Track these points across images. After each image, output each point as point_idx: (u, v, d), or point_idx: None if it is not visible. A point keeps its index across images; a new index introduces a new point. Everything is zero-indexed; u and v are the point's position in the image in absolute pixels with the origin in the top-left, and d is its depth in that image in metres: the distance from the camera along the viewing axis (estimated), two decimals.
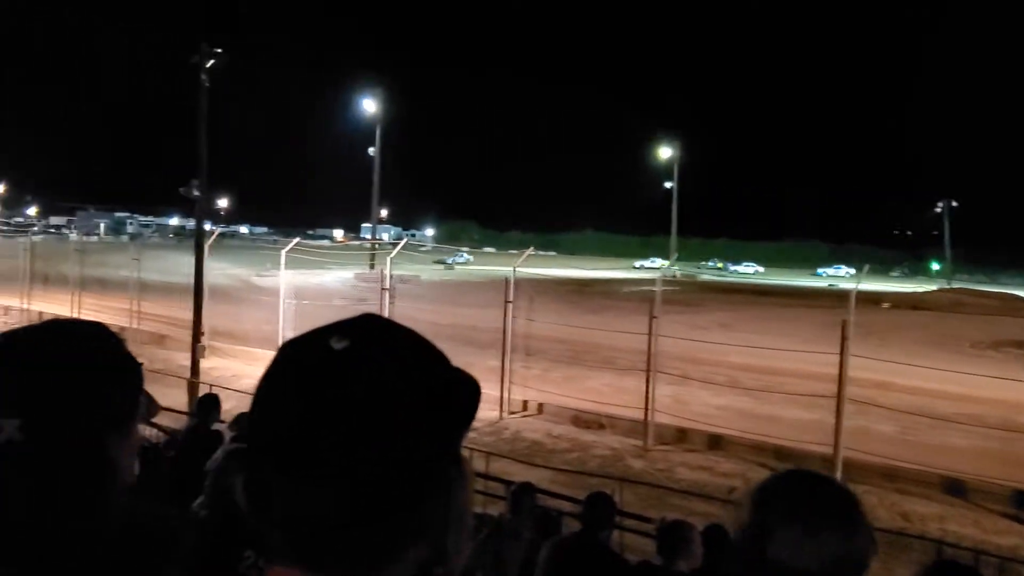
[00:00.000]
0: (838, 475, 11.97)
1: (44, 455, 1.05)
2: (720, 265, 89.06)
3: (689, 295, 38.45)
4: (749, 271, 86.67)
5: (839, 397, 12.14)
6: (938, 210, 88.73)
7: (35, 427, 1.05)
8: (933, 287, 60.57)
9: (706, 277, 65.49)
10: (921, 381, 16.79)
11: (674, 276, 49.11)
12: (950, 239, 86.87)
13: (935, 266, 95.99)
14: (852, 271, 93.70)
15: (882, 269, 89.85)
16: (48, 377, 1.08)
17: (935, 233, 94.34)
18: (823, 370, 13.60)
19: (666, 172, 70.98)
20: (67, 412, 1.07)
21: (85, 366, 1.12)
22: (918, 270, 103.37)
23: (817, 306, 33.43)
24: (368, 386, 0.77)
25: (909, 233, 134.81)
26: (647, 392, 14.12)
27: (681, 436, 14.24)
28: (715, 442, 13.78)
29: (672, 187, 68.25)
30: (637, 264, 75.95)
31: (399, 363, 0.80)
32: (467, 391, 0.86)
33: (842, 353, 12.14)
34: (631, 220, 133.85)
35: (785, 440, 13.06)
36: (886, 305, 40.25)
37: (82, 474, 1.08)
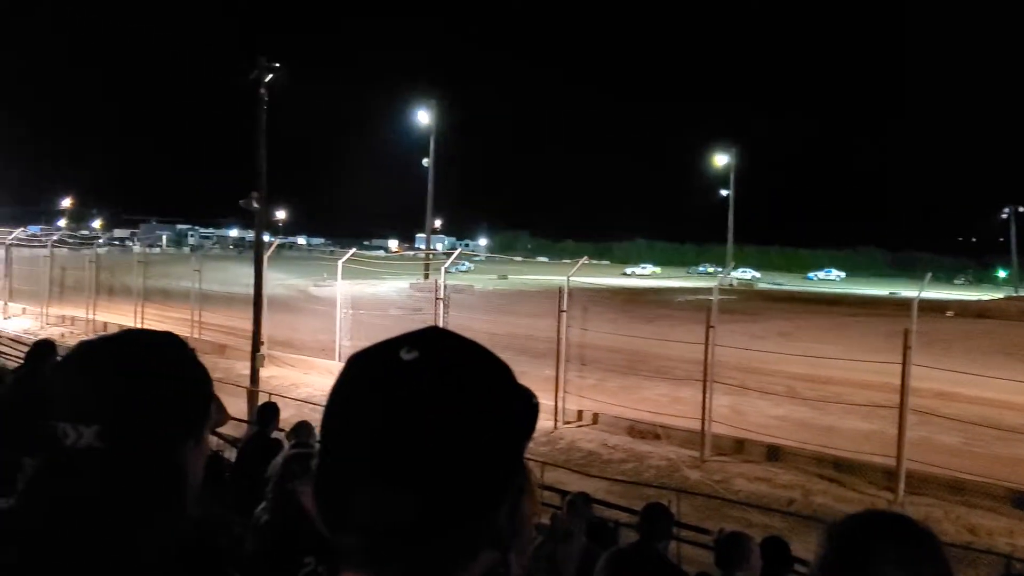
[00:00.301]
0: (901, 487, 11.72)
1: (121, 461, 1.08)
2: (711, 270, 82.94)
3: (746, 303, 37.98)
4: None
5: (901, 407, 11.85)
6: (1004, 216, 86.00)
7: (113, 434, 1.08)
8: (999, 295, 58.77)
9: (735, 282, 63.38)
10: (986, 391, 16.32)
11: (730, 284, 48.53)
12: (1016, 245, 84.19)
13: (1001, 273, 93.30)
14: (843, 274, 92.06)
15: (945, 277, 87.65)
16: (126, 385, 1.12)
17: (1001, 240, 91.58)
18: (883, 380, 13.31)
19: (721, 179, 70.31)
20: (144, 420, 1.11)
21: (161, 375, 1.15)
22: (983, 277, 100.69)
23: (880, 315, 32.78)
24: (442, 396, 0.79)
25: (974, 240, 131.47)
26: (704, 402, 13.95)
27: (738, 447, 14.03)
28: (773, 453, 13.54)
29: (728, 194, 67.54)
30: (628, 271, 74.49)
31: (468, 374, 0.83)
32: (529, 402, 0.88)
33: (904, 363, 11.85)
34: (685, 228, 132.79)
35: (846, 451, 12.79)
36: (950, 313, 39.31)
37: (156, 480, 1.11)
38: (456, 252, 25.57)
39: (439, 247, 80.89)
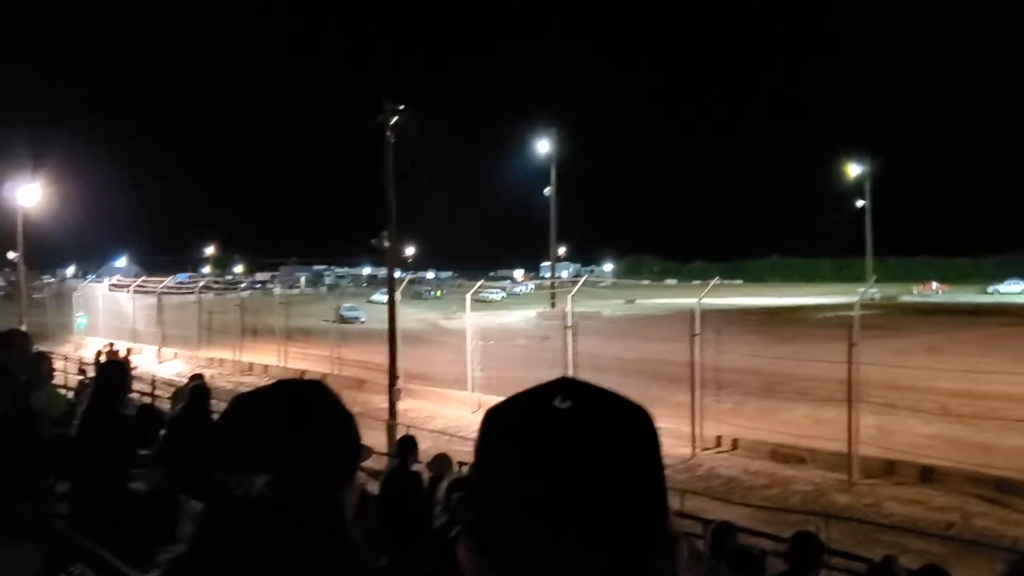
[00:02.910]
0: None
1: (290, 508, 1.14)
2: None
3: (889, 318, 36.30)
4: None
5: None
6: None
7: (282, 482, 1.15)
8: None
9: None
10: None
11: (872, 299, 46.55)
12: None
13: None
14: None
15: None
16: (290, 435, 1.19)
17: None
18: None
19: (855, 190, 67.71)
20: (309, 467, 1.17)
21: (319, 423, 1.22)
22: None
23: None
24: (601, 441, 0.80)
25: None
26: (849, 423, 13.39)
27: (889, 468, 13.38)
28: (927, 474, 12.84)
29: (864, 205, 64.96)
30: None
31: (620, 420, 0.83)
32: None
33: None
34: (820, 243, 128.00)
35: (1007, 470, 12.00)
36: None
37: (321, 523, 1.16)
38: (582, 279, 25.55)
39: (564, 274, 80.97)
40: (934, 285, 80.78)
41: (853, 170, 66.21)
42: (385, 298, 21.74)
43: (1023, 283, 76.18)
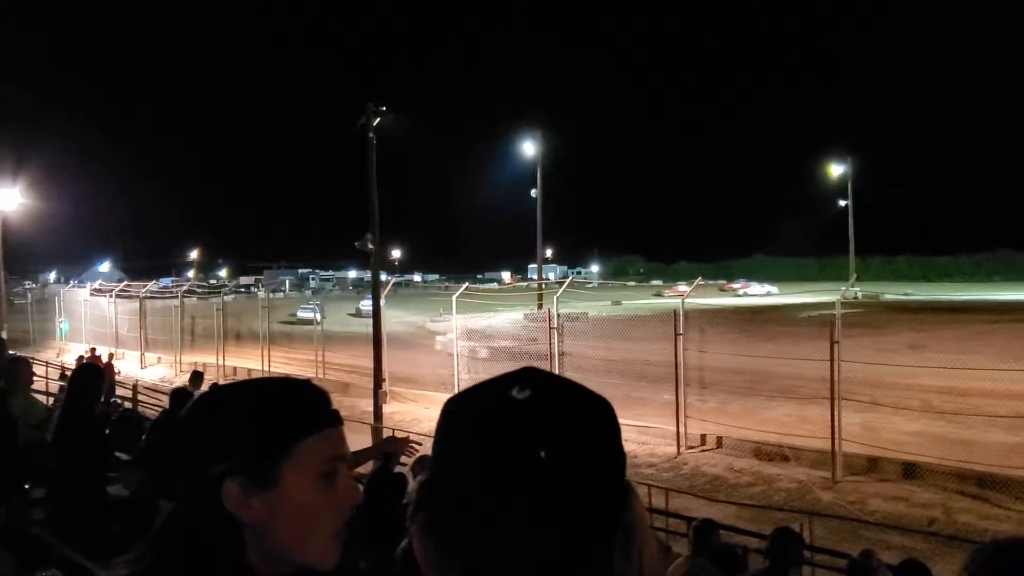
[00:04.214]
0: None
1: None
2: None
3: (872, 316, 36.48)
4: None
5: None
6: None
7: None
8: None
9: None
10: None
11: (855, 298, 46.75)
12: None
13: None
14: None
15: None
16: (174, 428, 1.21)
17: None
18: None
19: (838, 190, 67.94)
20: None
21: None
22: None
23: (1021, 320, 30.95)
24: (558, 432, 0.80)
25: None
26: (833, 420, 13.46)
27: (872, 465, 13.45)
28: (910, 470, 12.91)
29: (847, 205, 65.23)
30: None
31: (579, 410, 0.83)
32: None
33: None
34: (804, 243, 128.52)
35: (989, 466, 12.08)
36: None
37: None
38: (568, 280, 25.59)
39: (551, 276, 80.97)
40: (738, 284, 79.27)
41: (836, 170, 66.46)
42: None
43: (766, 286, 74.46)
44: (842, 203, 65.75)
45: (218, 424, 1.16)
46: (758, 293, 70.07)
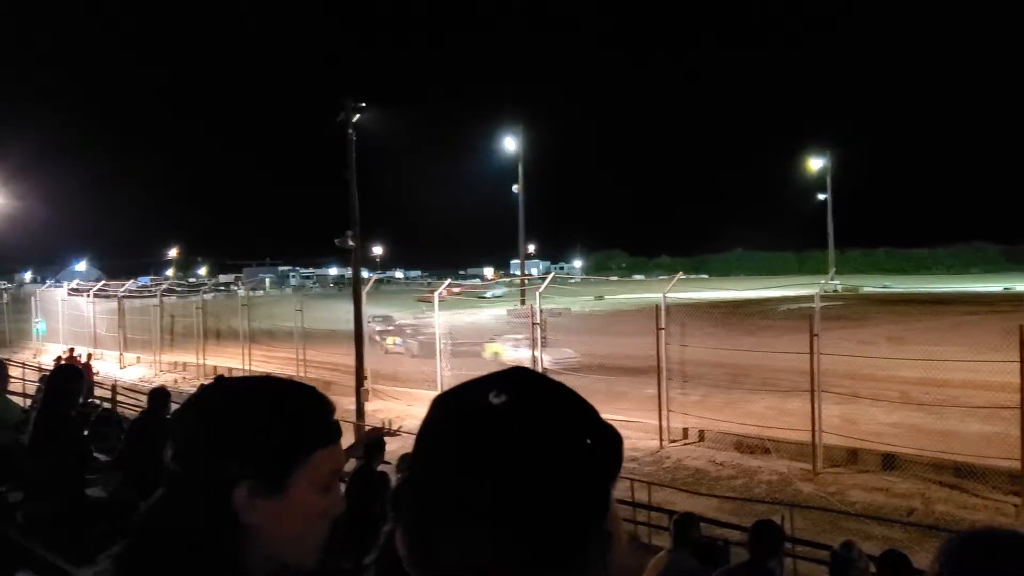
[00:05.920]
0: None
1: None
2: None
3: (852, 309, 36.73)
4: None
5: (1023, 407, 11.23)
6: None
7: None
8: None
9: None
10: None
11: (835, 291, 47.03)
12: None
13: None
14: None
15: None
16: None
17: None
18: (1007, 379, 12.64)
19: (817, 183, 68.38)
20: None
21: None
22: None
23: (998, 312, 31.23)
24: (528, 439, 0.80)
25: None
26: (813, 413, 13.55)
27: (852, 457, 13.56)
28: (889, 461, 13.02)
29: (826, 198, 65.64)
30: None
31: (555, 417, 0.83)
32: (613, 442, 0.86)
33: (1022, 360, 11.25)
34: (784, 236, 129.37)
35: (967, 456, 12.20)
36: None
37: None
38: (550, 276, 25.62)
39: (534, 272, 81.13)
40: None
41: (815, 164, 66.84)
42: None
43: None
44: (821, 196, 66.21)
45: (238, 426, 1.16)
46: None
